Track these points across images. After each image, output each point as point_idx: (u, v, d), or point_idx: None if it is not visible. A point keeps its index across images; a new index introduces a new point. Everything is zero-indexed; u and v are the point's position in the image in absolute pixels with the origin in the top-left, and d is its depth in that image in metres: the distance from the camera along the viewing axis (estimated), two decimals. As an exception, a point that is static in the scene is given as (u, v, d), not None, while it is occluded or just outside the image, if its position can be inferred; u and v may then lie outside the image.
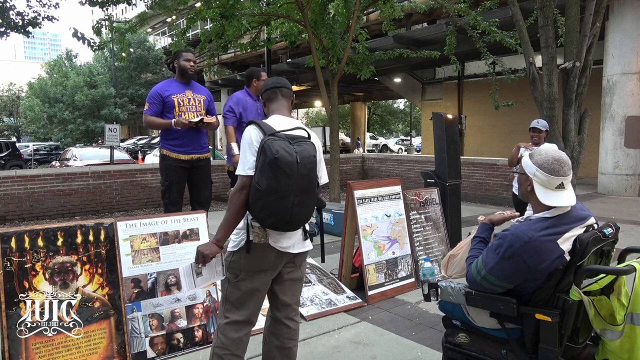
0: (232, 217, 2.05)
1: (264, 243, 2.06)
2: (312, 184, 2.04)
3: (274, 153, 1.89)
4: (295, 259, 2.21)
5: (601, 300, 1.89)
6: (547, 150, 1.92)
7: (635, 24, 9.79)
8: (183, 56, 4.23)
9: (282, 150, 1.91)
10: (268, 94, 2.25)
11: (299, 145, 1.98)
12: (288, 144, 1.95)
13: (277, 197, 1.93)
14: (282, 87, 2.24)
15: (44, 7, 10.14)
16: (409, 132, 35.45)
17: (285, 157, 1.91)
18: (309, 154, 2.00)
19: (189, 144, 4.23)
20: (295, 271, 2.24)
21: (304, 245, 2.22)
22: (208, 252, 2.08)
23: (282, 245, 2.10)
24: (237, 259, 2.11)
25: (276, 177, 1.91)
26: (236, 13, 7.55)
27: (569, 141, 5.44)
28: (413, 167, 10.75)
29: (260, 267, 2.11)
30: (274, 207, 1.94)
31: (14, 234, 2.55)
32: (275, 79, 2.30)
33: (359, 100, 31.01)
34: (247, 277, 2.11)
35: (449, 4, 8.68)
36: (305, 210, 2.04)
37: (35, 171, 9.22)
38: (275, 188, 1.92)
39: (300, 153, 1.95)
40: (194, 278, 2.18)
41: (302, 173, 1.95)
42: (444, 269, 2.24)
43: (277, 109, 2.22)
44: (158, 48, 29.41)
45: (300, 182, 1.96)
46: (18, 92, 39.37)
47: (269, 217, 1.97)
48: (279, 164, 1.90)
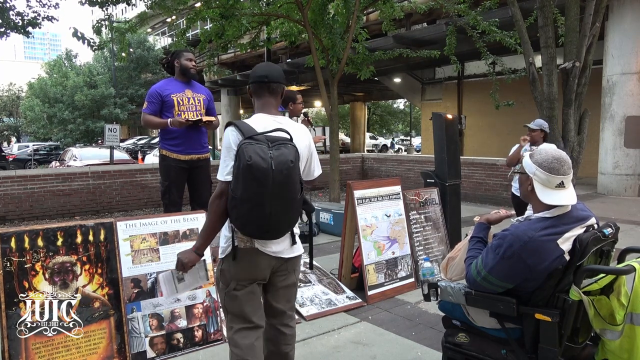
0: (211, 224, 1.98)
1: (250, 247, 1.96)
2: (290, 191, 1.87)
3: (247, 159, 1.77)
4: (287, 264, 2.09)
5: (601, 300, 1.89)
6: (547, 150, 1.93)
7: (634, 24, 9.78)
8: (184, 56, 4.22)
9: (256, 156, 1.78)
10: (254, 87, 2.06)
11: (277, 149, 1.83)
12: (265, 148, 1.81)
13: (251, 205, 1.82)
14: (270, 83, 2.03)
15: (44, 7, 10.15)
16: (409, 132, 35.46)
17: (259, 163, 1.77)
18: (286, 159, 1.82)
19: (188, 144, 4.22)
20: (289, 277, 2.13)
21: (294, 250, 2.09)
22: (187, 260, 2.03)
23: (272, 250, 1.99)
24: (227, 267, 2.01)
25: (250, 185, 1.80)
26: (236, 13, 7.55)
27: (569, 141, 5.44)
28: (413, 167, 10.75)
29: (251, 275, 2.00)
30: (249, 216, 1.84)
31: (14, 234, 2.55)
32: (264, 69, 2.06)
33: (358, 100, 31.00)
34: (239, 285, 2.00)
35: (449, 4, 8.68)
36: (286, 218, 1.92)
37: (35, 171, 9.22)
38: (250, 196, 1.81)
39: (277, 158, 1.80)
40: (175, 284, 2.14)
41: (278, 180, 1.80)
42: (443, 272, 2.24)
43: (262, 106, 2.05)
44: (158, 48, 29.40)
45: (277, 189, 1.81)
46: (18, 92, 39.38)
47: (245, 226, 1.88)
48: (252, 171, 1.77)
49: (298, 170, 1.91)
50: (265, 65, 2.11)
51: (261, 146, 1.81)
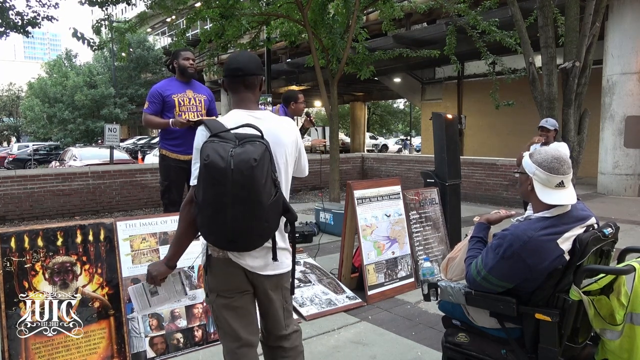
0: (181, 233, 1.81)
1: (223, 257, 1.78)
2: (256, 193, 1.62)
3: (204, 159, 1.61)
4: (266, 282, 1.84)
5: (601, 300, 1.89)
6: (546, 149, 1.93)
7: (634, 24, 9.79)
8: (182, 55, 4.22)
9: (214, 154, 1.60)
10: (228, 82, 1.86)
11: (242, 147, 1.63)
12: (229, 146, 1.63)
13: (212, 211, 1.64)
14: (245, 76, 1.83)
15: (44, 7, 10.13)
16: (409, 132, 35.46)
17: (216, 162, 1.59)
18: (248, 157, 1.60)
19: (189, 144, 4.18)
20: (271, 297, 1.88)
21: (275, 266, 1.83)
22: (156, 273, 1.87)
23: (247, 264, 1.78)
24: (207, 277, 1.86)
25: (208, 187, 1.62)
26: (236, 13, 7.55)
27: (569, 141, 5.45)
28: (413, 167, 10.76)
29: (229, 286, 1.82)
30: (211, 223, 1.65)
31: (14, 234, 2.55)
32: (237, 61, 1.84)
33: (358, 100, 31.01)
34: (220, 297, 1.83)
35: (449, 4, 8.69)
36: (251, 225, 1.65)
37: (35, 171, 9.22)
38: (209, 200, 1.63)
39: (237, 156, 1.59)
40: (148, 298, 1.97)
41: (239, 181, 1.59)
42: (443, 272, 2.24)
43: (239, 101, 1.86)
44: (158, 48, 29.43)
45: (238, 192, 1.60)
46: (18, 92, 39.42)
47: (209, 234, 1.69)
48: (209, 172, 1.60)
49: (268, 171, 1.65)
50: (238, 56, 1.87)
51: (224, 144, 1.63)
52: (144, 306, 1.99)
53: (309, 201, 9.22)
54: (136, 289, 1.99)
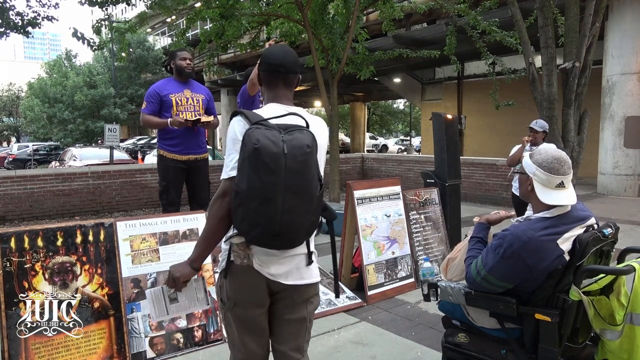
0: (211, 231, 1.65)
1: (246, 265, 1.63)
2: (307, 183, 1.54)
3: (254, 143, 1.48)
4: (294, 294, 1.71)
5: (601, 300, 1.89)
6: (547, 150, 1.93)
7: (634, 24, 9.79)
8: (178, 55, 4.22)
9: (265, 139, 1.49)
10: (267, 76, 1.74)
11: (290, 134, 1.53)
12: (276, 132, 1.52)
13: (260, 200, 1.50)
14: (288, 74, 1.73)
15: (44, 7, 10.14)
16: (409, 132, 35.46)
17: (268, 147, 1.48)
18: (301, 143, 1.52)
19: (186, 144, 4.22)
20: (294, 310, 1.73)
21: (305, 275, 1.71)
22: (179, 274, 1.68)
23: (272, 272, 1.64)
24: (222, 285, 1.71)
25: (257, 174, 1.49)
26: (236, 13, 7.56)
27: (569, 141, 5.45)
28: (413, 167, 10.76)
29: (246, 297, 1.67)
30: (256, 215, 1.52)
31: (14, 234, 2.55)
32: (280, 56, 1.73)
33: (358, 100, 31.02)
34: (236, 307, 1.69)
35: (449, 4, 8.69)
36: (300, 219, 1.56)
37: (34, 171, 9.23)
38: (257, 188, 1.49)
39: (289, 142, 1.50)
40: (167, 304, 1.78)
41: (292, 168, 1.49)
42: (443, 273, 2.24)
43: (275, 97, 1.74)
44: (158, 48, 29.41)
45: (290, 179, 1.50)
46: (18, 92, 39.40)
47: (252, 228, 1.54)
48: (260, 156, 1.48)
49: (316, 161, 1.58)
50: (280, 51, 1.75)
51: (271, 131, 1.52)
52: (162, 313, 1.81)
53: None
54: (154, 292, 1.81)
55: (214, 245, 1.70)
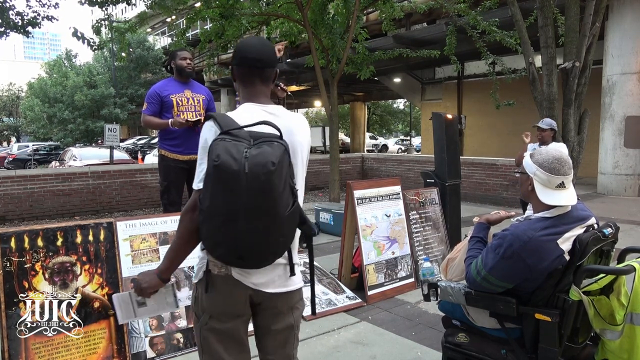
0: (181, 243, 1.56)
1: (224, 275, 1.53)
2: (272, 203, 1.40)
3: (214, 159, 1.38)
4: (278, 303, 1.60)
5: (601, 300, 1.89)
6: (547, 150, 1.93)
7: (634, 24, 9.79)
8: (178, 55, 4.22)
9: (226, 155, 1.37)
10: (242, 71, 1.61)
11: (258, 148, 1.39)
12: (243, 146, 1.40)
13: (222, 220, 1.40)
14: (264, 69, 1.59)
15: (44, 7, 10.13)
16: (409, 132, 35.46)
17: (228, 164, 1.35)
18: (266, 160, 1.37)
19: (187, 144, 4.22)
20: (280, 318, 1.63)
21: (288, 282, 1.60)
22: (146, 285, 1.62)
23: (253, 281, 1.54)
24: (198, 296, 1.60)
25: (218, 193, 1.39)
26: (236, 13, 7.56)
27: (569, 141, 5.45)
28: (413, 167, 10.76)
29: (227, 309, 1.57)
30: (218, 235, 1.42)
31: (14, 234, 2.55)
32: (256, 49, 1.58)
33: (358, 100, 31.01)
34: (214, 321, 1.58)
35: (449, 3, 8.69)
36: (266, 240, 1.43)
37: (35, 171, 9.23)
38: (218, 207, 1.40)
39: (253, 159, 1.36)
40: (134, 308, 1.74)
41: (254, 187, 1.36)
42: (443, 273, 2.24)
43: (251, 94, 1.61)
44: (158, 48, 29.43)
45: (253, 200, 1.37)
46: (18, 92, 39.42)
47: (215, 247, 1.46)
48: (220, 174, 1.37)
49: (286, 177, 1.43)
50: (257, 43, 1.61)
51: (237, 143, 1.40)
52: (128, 315, 1.75)
53: (308, 201, 9.22)
54: (121, 297, 1.75)
55: (184, 257, 1.62)
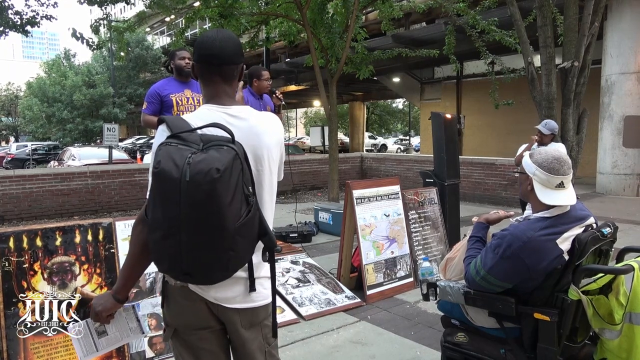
0: (134, 258, 1.41)
1: (181, 286, 1.40)
2: (217, 216, 1.23)
3: (155, 166, 1.25)
4: (237, 318, 1.44)
5: (600, 300, 1.89)
6: (547, 150, 1.93)
7: (633, 24, 9.80)
8: (178, 55, 4.22)
9: (168, 161, 1.24)
10: (200, 68, 1.45)
11: (204, 153, 1.25)
12: (189, 150, 1.25)
13: (162, 234, 1.27)
14: (222, 66, 1.43)
15: (42, 6, 10.12)
16: (408, 132, 35.47)
17: (168, 172, 1.22)
18: (209, 167, 1.21)
19: None
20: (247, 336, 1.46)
21: (253, 296, 1.43)
22: (101, 308, 1.45)
23: (212, 295, 1.40)
24: (164, 309, 1.49)
25: (158, 203, 1.27)
26: (235, 12, 7.55)
27: (568, 141, 5.46)
28: (412, 166, 10.76)
29: (187, 322, 1.44)
30: (160, 249, 1.29)
31: (12, 234, 2.54)
32: (213, 44, 1.41)
33: (357, 99, 31.01)
34: (177, 334, 1.47)
35: (448, 3, 8.69)
36: (213, 256, 1.27)
37: (33, 171, 9.22)
38: (158, 220, 1.27)
39: (195, 166, 1.21)
40: (94, 339, 1.52)
41: (195, 197, 1.21)
42: (442, 273, 2.24)
43: (212, 95, 1.46)
44: (156, 47, 29.43)
45: (195, 212, 1.22)
46: (16, 91, 39.36)
47: (158, 262, 1.33)
48: (159, 183, 1.25)
49: (237, 185, 1.26)
50: (214, 38, 1.42)
51: (183, 148, 1.26)
52: (90, 350, 1.52)
53: (307, 201, 9.22)
54: (77, 327, 1.51)
55: (139, 274, 1.48)
